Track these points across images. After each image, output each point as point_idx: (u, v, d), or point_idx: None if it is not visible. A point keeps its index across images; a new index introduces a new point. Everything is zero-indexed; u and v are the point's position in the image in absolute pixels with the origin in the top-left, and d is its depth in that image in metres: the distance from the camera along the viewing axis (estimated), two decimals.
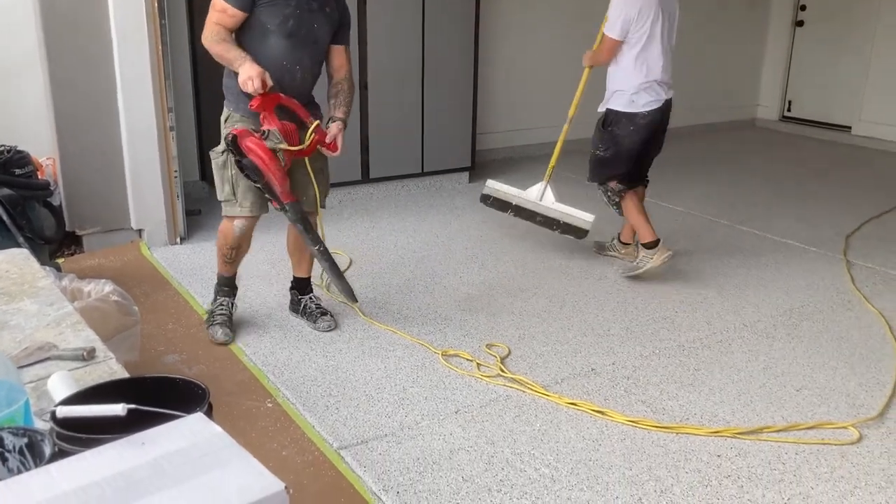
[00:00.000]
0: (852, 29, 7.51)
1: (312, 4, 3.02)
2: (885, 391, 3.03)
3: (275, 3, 2.95)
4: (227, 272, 3.40)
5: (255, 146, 2.84)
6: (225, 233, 3.26)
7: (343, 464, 2.56)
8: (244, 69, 2.87)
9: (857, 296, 3.94)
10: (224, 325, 3.33)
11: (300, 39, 3.03)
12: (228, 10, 2.94)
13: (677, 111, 8.21)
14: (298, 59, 3.06)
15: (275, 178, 2.90)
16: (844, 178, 6.33)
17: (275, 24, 2.96)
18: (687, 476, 2.50)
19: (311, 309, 3.49)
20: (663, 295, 3.92)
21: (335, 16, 3.13)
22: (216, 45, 2.95)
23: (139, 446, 0.98)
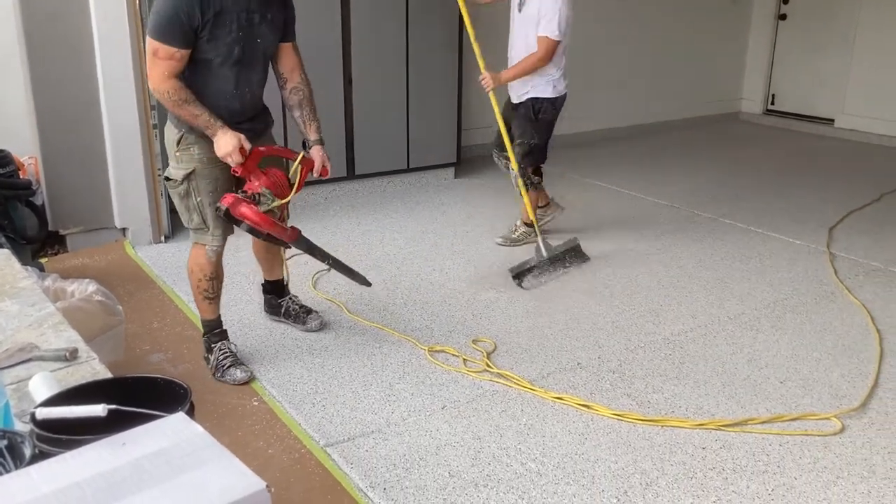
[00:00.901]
0: (835, 22, 7.55)
1: (254, 17, 2.73)
2: (867, 382, 3.05)
3: (216, 35, 2.65)
4: (211, 313, 3.08)
5: (249, 213, 2.73)
6: (200, 263, 2.98)
7: (330, 461, 2.56)
8: (222, 142, 2.67)
9: (839, 287, 3.97)
10: (237, 365, 3.02)
11: (247, 63, 2.78)
12: (175, 53, 2.61)
13: (662, 105, 8.28)
14: (247, 81, 2.82)
15: (275, 232, 2.84)
16: (827, 171, 6.38)
17: (220, 57, 2.70)
18: (672, 468, 2.52)
19: (295, 310, 3.40)
20: (648, 289, 3.94)
21: (279, 18, 2.85)
22: (179, 108, 2.67)
23: (120, 447, 0.98)
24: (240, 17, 2.68)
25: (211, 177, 2.85)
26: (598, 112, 7.27)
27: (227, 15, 2.65)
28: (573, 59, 6.85)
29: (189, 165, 2.83)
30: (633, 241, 4.60)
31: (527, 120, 4.17)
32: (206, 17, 2.61)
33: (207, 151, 2.79)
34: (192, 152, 2.82)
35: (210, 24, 2.62)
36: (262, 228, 2.78)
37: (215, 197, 2.84)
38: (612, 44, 7.20)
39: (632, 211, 5.21)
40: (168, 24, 2.59)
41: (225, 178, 2.88)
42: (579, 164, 6.37)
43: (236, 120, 2.81)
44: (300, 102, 2.96)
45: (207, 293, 3.03)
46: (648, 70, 7.53)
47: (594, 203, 5.40)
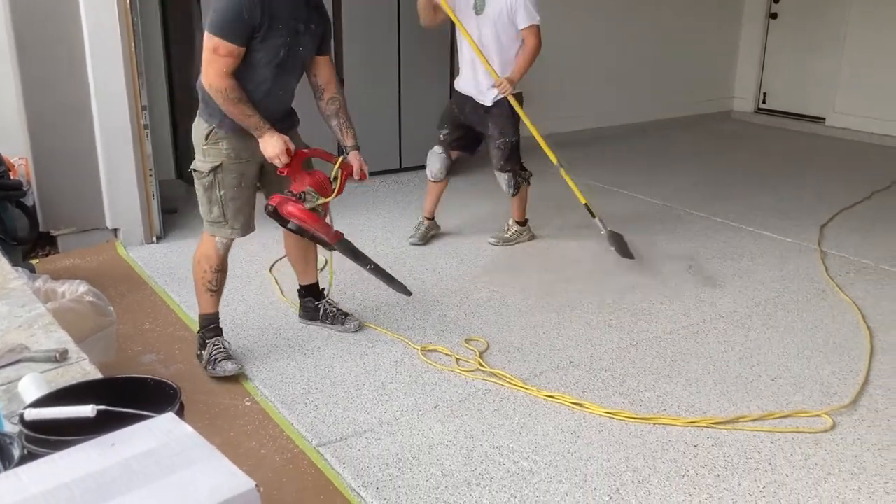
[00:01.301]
0: (825, 21, 7.58)
1: (300, 27, 2.86)
2: (858, 379, 3.07)
3: (268, 37, 2.76)
4: (211, 307, 3.12)
5: (296, 212, 2.88)
6: (208, 255, 3.04)
7: (322, 461, 2.56)
8: (270, 143, 2.81)
9: (830, 285, 3.99)
10: (228, 359, 3.05)
11: (288, 67, 2.90)
12: (235, 51, 2.71)
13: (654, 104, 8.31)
14: (285, 83, 2.95)
15: (320, 230, 2.96)
16: (818, 169, 6.40)
17: (267, 58, 2.81)
18: (664, 466, 2.53)
19: (333, 312, 3.43)
20: (640, 287, 3.95)
21: (319, 30, 2.99)
22: (233, 105, 2.76)
23: (109, 447, 0.98)
24: (289, 23, 2.79)
25: (237, 171, 2.94)
26: (590, 111, 7.29)
27: (281, 20, 2.76)
28: (566, 58, 6.90)
29: (217, 159, 2.91)
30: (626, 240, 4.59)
31: (503, 118, 4.17)
32: (265, 19, 2.71)
33: (235, 147, 2.90)
34: (220, 147, 2.91)
35: (266, 27, 2.72)
36: (307, 225, 2.91)
37: (238, 192, 2.95)
38: (605, 43, 7.21)
39: (624, 209, 5.22)
40: (232, 21, 2.68)
41: (250, 174, 2.99)
42: (572, 163, 6.34)
43: (268, 117, 2.89)
44: (337, 112, 3.08)
45: (211, 285, 3.07)
46: (640, 69, 7.54)
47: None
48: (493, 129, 4.20)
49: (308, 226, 2.91)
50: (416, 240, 4.47)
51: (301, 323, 3.47)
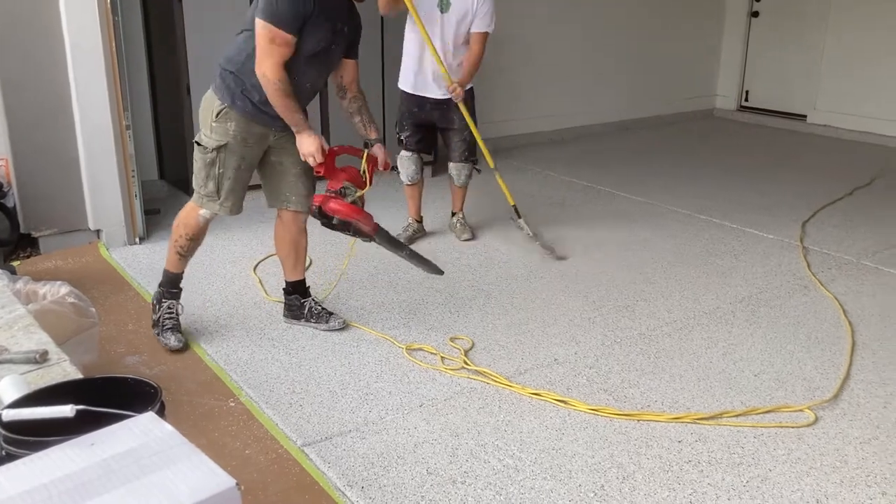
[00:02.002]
0: (806, 19, 7.64)
1: (339, 26, 2.96)
2: (840, 373, 3.09)
3: (312, 31, 2.85)
4: (177, 268, 3.27)
5: (340, 207, 3.05)
6: (187, 221, 3.15)
7: (307, 461, 2.55)
8: (307, 142, 2.94)
9: (812, 281, 4.02)
10: (176, 331, 3.22)
11: (321, 63, 3.00)
12: (291, 40, 2.81)
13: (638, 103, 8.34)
14: (314, 79, 3.05)
15: (363, 222, 3.12)
16: (800, 166, 6.45)
17: (306, 49, 2.88)
18: (648, 462, 2.54)
19: (318, 310, 3.43)
20: (624, 284, 3.96)
21: (354, 34, 3.10)
22: (283, 98, 2.86)
23: (88, 447, 0.97)
24: (332, 20, 2.90)
25: (239, 154, 3.01)
26: (573, 110, 7.31)
27: (325, 15, 2.86)
28: (549, 56, 6.92)
29: (223, 139, 2.96)
30: (609, 238, 4.62)
31: (471, 111, 4.25)
32: (314, 12, 2.81)
33: (242, 130, 2.97)
34: (227, 127, 2.96)
35: (312, 19, 2.81)
36: (351, 218, 3.06)
37: (237, 174, 3.03)
38: (587, 42, 7.24)
39: (607, 207, 5.24)
40: (289, 11, 2.75)
41: (252, 159, 3.08)
42: (555, 162, 6.40)
43: None
44: (359, 109, 3.22)
45: (182, 250, 3.19)
46: (624, 68, 7.57)
47: (570, 200, 5.42)
48: (458, 122, 4.26)
49: (352, 218, 3.06)
50: (404, 241, 4.44)
51: (285, 323, 3.46)
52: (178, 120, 4.96)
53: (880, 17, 7.06)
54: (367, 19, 3.24)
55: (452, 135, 4.34)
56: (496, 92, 6.67)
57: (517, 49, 6.62)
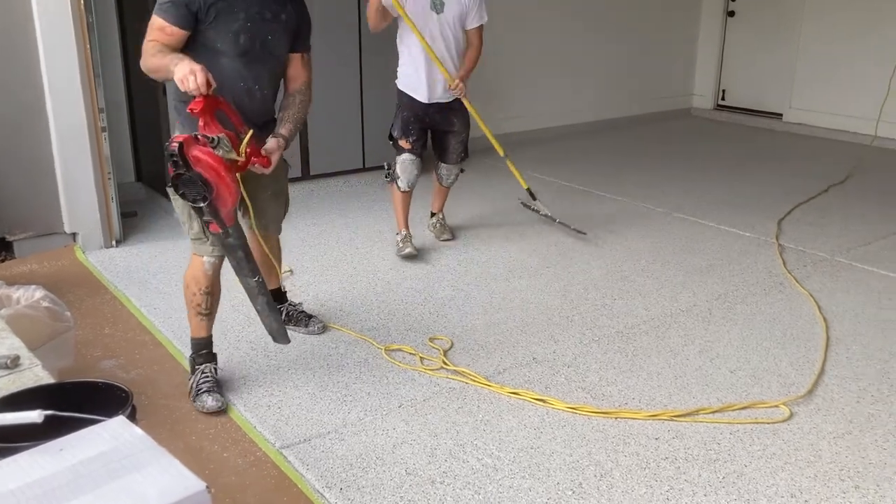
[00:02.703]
0: (781, 18, 7.71)
1: (265, 13, 2.70)
2: (814, 369, 3.13)
3: (221, 19, 2.61)
4: (203, 332, 2.92)
5: (205, 156, 2.34)
6: (196, 276, 2.82)
7: (285, 463, 2.54)
8: (181, 67, 2.41)
9: (788, 278, 4.06)
10: (212, 392, 2.85)
11: (256, 55, 2.72)
12: (166, 28, 2.57)
13: (615, 102, 8.37)
14: (257, 76, 2.75)
15: (228, 192, 2.39)
16: (776, 164, 6.51)
17: (225, 44, 2.65)
18: (626, 459, 2.55)
19: (297, 315, 3.37)
20: (602, 283, 3.99)
21: (292, 23, 2.82)
22: (152, 58, 2.55)
23: (56, 453, 0.97)
24: (249, 8, 2.67)
25: None
26: (551, 109, 7.34)
27: (236, 4, 2.64)
28: (528, 57, 6.93)
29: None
30: (587, 236, 4.64)
31: (465, 112, 4.23)
32: (209, 2, 2.59)
33: None
34: None
35: (214, 10, 2.60)
36: (217, 177, 2.34)
37: None
38: (565, 42, 7.26)
39: (585, 207, 5.26)
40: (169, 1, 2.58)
41: None
42: (533, 161, 6.41)
43: (247, 119, 2.69)
44: (288, 106, 2.89)
45: (201, 308, 2.87)
46: (601, 68, 7.61)
47: (548, 199, 5.43)
48: (459, 124, 4.24)
49: (217, 178, 2.34)
50: (412, 250, 4.25)
51: None
52: (154, 121, 4.93)
53: (853, 17, 7.14)
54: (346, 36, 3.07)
55: (451, 137, 4.26)
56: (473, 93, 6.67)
57: (494, 50, 6.63)
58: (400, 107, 4.18)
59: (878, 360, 3.21)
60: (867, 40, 7.06)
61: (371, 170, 5.78)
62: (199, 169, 2.32)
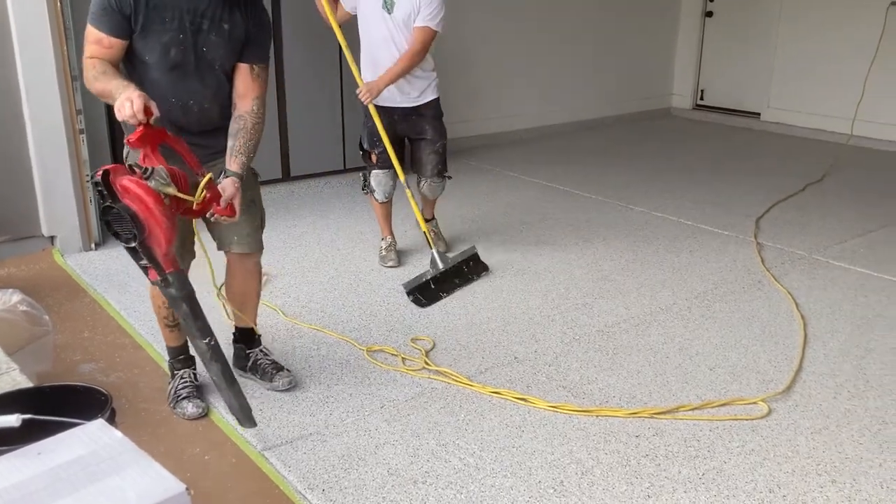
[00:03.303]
0: (758, 19, 7.79)
1: (201, 22, 2.45)
2: (792, 366, 3.17)
3: (149, 28, 2.40)
4: (175, 341, 2.87)
5: (134, 186, 2.04)
6: (155, 291, 2.70)
7: (268, 465, 2.54)
8: (123, 94, 2.19)
9: (766, 276, 4.10)
10: (192, 398, 2.80)
11: (189, 69, 2.49)
12: (103, 39, 2.38)
13: (595, 102, 8.41)
14: (191, 92, 2.51)
15: (161, 230, 2.07)
16: (754, 163, 6.57)
17: (153, 57, 2.44)
18: (607, 457, 2.57)
19: (265, 365, 2.98)
20: (583, 282, 4.01)
21: (238, 31, 2.52)
22: (95, 82, 2.35)
23: (35, 457, 0.97)
24: (183, 17, 2.43)
25: None
26: (530, 110, 7.36)
27: (167, 11, 2.40)
28: (507, 56, 6.95)
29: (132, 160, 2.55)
30: (568, 236, 4.67)
31: (438, 120, 4.05)
32: (139, 7, 2.37)
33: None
34: None
35: (143, 17, 2.38)
36: (146, 211, 2.03)
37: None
38: (544, 42, 7.29)
39: (566, 206, 5.29)
40: (100, 6, 2.39)
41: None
42: (512, 162, 6.44)
43: (183, 136, 2.47)
44: (237, 132, 2.56)
45: (167, 320, 2.80)
46: (582, 68, 7.64)
47: (528, 199, 5.46)
48: (432, 132, 4.03)
49: (146, 212, 2.03)
50: (395, 262, 4.18)
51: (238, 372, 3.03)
52: None
53: (830, 17, 7.22)
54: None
55: (424, 146, 4.04)
56: (454, 93, 6.68)
57: (474, 50, 6.65)
58: (364, 115, 4.00)
59: (855, 357, 3.26)
60: (843, 40, 7.14)
61: (352, 170, 5.78)
62: (127, 201, 2.04)
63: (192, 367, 2.93)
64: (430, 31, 3.79)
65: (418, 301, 3.73)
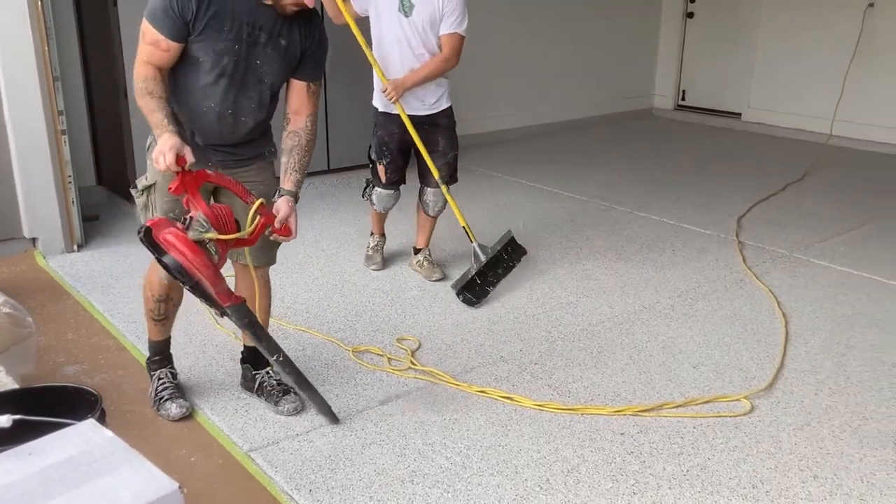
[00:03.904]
0: (739, 19, 7.86)
1: (259, 35, 2.43)
2: (774, 363, 3.20)
3: (208, 36, 2.37)
4: (157, 335, 2.84)
5: (174, 240, 2.17)
6: (152, 281, 2.70)
7: (254, 465, 2.54)
8: (160, 142, 2.24)
9: (748, 274, 4.14)
10: (174, 398, 2.78)
11: (236, 80, 2.46)
12: (161, 42, 2.35)
13: (577, 103, 8.45)
14: (232, 103, 2.48)
15: (205, 276, 2.21)
16: (735, 163, 6.63)
17: (205, 63, 2.42)
18: (592, 455, 2.59)
19: (271, 387, 2.87)
20: (567, 282, 4.03)
21: (294, 48, 2.51)
22: (140, 97, 2.37)
23: (26, 457, 0.97)
24: (242, 28, 2.40)
25: (171, 196, 2.42)
26: (514, 110, 7.39)
27: (226, 21, 2.38)
28: (490, 57, 6.97)
29: (152, 177, 2.53)
30: (551, 236, 4.69)
31: (452, 130, 3.90)
32: (200, 13, 2.35)
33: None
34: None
35: (203, 23, 2.36)
36: (189, 264, 2.17)
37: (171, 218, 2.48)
38: (527, 43, 7.32)
39: (549, 206, 5.31)
40: (160, 7, 2.35)
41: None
42: (496, 162, 6.46)
43: (211, 141, 2.53)
44: (291, 149, 2.60)
45: (154, 314, 2.78)
46: (565, 69, 7.68)
47: (512, 199, 5.48)
48: (444, 142, 3.87)
49: (188, 263, 2.17)
50: (378, 266, 4.12)
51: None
52: (115, 124, 4.87)
53: (809, 19, 7.30)
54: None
55: (435, 158, 3.82)
56: None
57: None
58: (375, 123, 3.88)
59: (835, 354, 3.30)
60: (822, 41, 7.22)
61: (336, 171, 5.78)
62: (172, 253, 2.18)
63: (170, 367, 2.90)
64: (459, 36, 3.73)
65: (469, 301, 3.71)
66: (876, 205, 5.39)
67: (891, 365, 3.21)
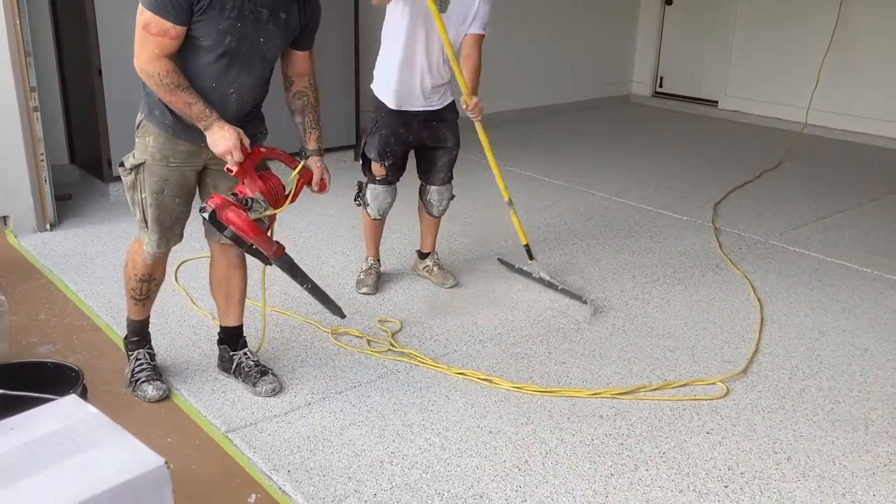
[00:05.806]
0: (716, 8, 7.89)
1: (261, 12, 2.41)
2: (750, 347, 3.24)
3: (210, 16, 2.33)
4: (137, 315, 2.81)
5: (238, 221, 2.45)
6: (135, 260, 2.69)
7: (232, 446, 2.53)
8: (219, 136, 2.35)
9: (724, 260, 4.18)
10: (151, 380, 2.76)
11: (240, 58, 2.45)
12: (170, 30, 2.29)
13: (555, 89, 8.44)
14: (234, 80, 2.47)
15: (259, 243, 2.54)
16: (712, 150, 6.68)
17: (208, 41, 2.38)
18: (570, 437, 2.61)
19: (248, 367, 2.86)
20: (546, 265, 4.03)
21: (293, 22, 2.52)
22: (170, 93, 2.34)
23: (7, 432, 0.95)
24: (243, 4, 2.37)
25: (159, 176, 2.51)
26: (491, 96, 7.34)
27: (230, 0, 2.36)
28: None
29: (141, 156, 2.52)
30: (530, 220, 4.69)
31: (456, 125, 3.70)
32: None
33: (162, 148, 2.50)
34: (146, 142, 2.51)
35: (206, 2, 2.31)
36: (248, 238, 2.49)
37: (160, 199, 2.55)
38: (505, 29, 7.28)
39: (527, 191, 5.32)
40: None
41: (179, 183, 2.56)
42: (474, 147, 6.42)
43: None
44: (303, 108, 2.70)
45: (135, 293, 2.75)
46: (543, 54, 7.66)
47: (489, 184, 5.46)
48: (451, 138, 3.65)
49: (248, 238, 2.50)
50: (370, 289, 3.70)
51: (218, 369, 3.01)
52: (89, 102, 4.78)
53: (786, 8, 7.35)
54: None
55: (442, 154, 3.63)
56: None
57: None
58: (377, 120, 3.52)
59: (809, 339, 3.35)
60: (799, 31, 7.28)
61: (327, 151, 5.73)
62: (234, 231, 2.47)
63: (148, 347, 2.88)
64: (482, 36, 3.56)
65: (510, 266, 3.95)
66: (850, 192, 5.46)
67: (862, 350, 3.26)
